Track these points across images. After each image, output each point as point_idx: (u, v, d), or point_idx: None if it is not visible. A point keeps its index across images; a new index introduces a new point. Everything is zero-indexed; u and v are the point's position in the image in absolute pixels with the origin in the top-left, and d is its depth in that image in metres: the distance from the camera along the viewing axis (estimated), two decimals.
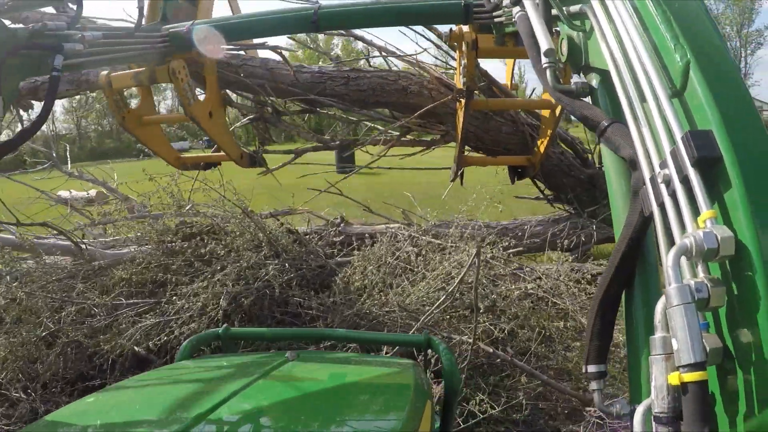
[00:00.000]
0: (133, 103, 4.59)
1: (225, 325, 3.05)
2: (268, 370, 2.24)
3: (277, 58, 6.55)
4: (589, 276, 7.27)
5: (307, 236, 7.10)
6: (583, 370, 1.69)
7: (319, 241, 7.25)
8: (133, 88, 4.22)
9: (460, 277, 5.39)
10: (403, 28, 6.94)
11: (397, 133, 7.38)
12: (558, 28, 2.22)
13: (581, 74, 2.03)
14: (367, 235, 7.32)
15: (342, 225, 7.84)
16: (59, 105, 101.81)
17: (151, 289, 6.07)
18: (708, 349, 1.12)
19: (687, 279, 1.20)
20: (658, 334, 1.21)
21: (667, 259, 1.19)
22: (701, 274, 1.21)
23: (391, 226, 7.89)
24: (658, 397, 1.16)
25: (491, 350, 5.15)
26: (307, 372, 2.41)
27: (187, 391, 2.17)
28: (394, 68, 7.10)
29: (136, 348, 5.33)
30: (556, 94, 1.87)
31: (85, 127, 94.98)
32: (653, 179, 1.36)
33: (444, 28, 4.75)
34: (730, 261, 1.17)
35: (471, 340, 5.01)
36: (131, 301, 5.87)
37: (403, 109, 6.76)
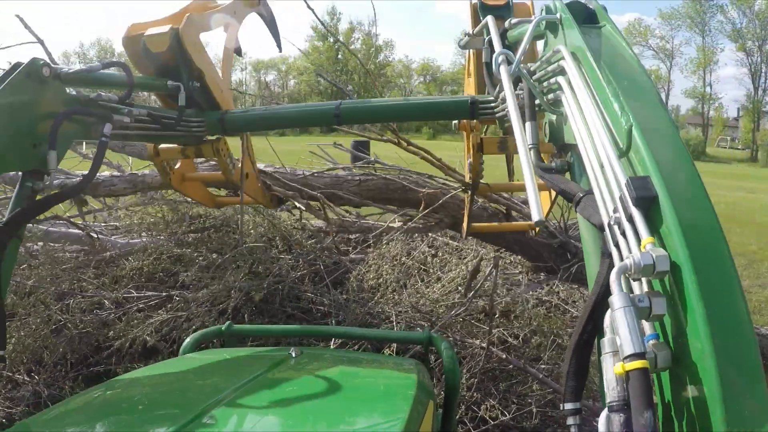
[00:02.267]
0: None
1: (228, 322, 3.09)
2: (270, 366, 2.29)
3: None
4: None
5: (322, 232, 7.08)
6: (561, 407, 1.80)
7: (334, 237, 7.23)
8: None
9: (476, 288, 5.40)
10: None
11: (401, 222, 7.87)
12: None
13: (561, 152, 2.33)
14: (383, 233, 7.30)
15: (358, 222, 7.75)
16: None
17: (161, 278, 6.08)
18: (657, 354, 1.28)
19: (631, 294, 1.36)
20: (607, 336, 1.36)
21: (611, 276, 1.37)
22: (645, 290, 1.39)
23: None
24: (608, 388, 1.28)
25: (504, 356, 5.12)
26: (309, 369, 2.45)
27: (188, 386, 2.24)
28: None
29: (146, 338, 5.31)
30: (538, 171, 2.11)
31: None
32: (609, 224, 1.55)
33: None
34: (670, 281, 1.35)
35: (484, 345, 4.99)
36: (141, 294, 5.88)
37: (405, 203, 7.33)
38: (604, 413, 1.30)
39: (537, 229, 4.82)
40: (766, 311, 8.74)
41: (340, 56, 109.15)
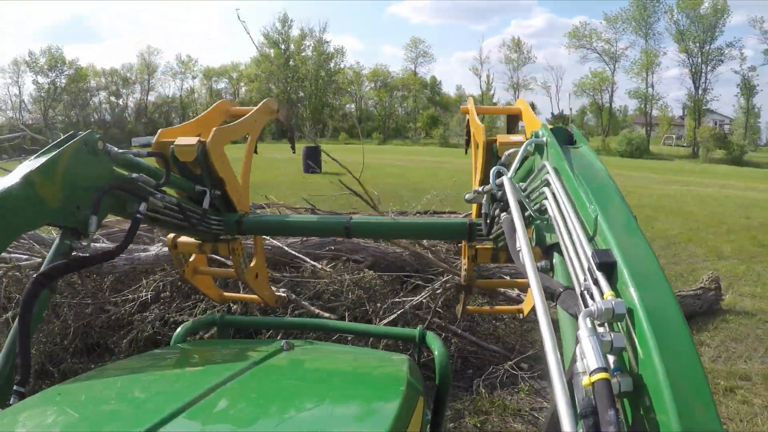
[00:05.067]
0: None
1: (221, 313, 3.16)
2: (261, 358, 2.27)
3: None
4: None
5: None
6: None
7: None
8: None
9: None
10: None
11: None
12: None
13: (546, 255, 2.53)
14: None
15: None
16: (27, 94, 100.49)
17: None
18: (620, 381, 1.42)
19: None
20: (577, 362, 1.49)
21: (579, 318, 1.56)
22: (607, 329, 1.60)
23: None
24: (578, 399, 1.41)
25: (429, 318, 6.29)
26: (300, 362, 2.47)
27: (178, 376, 2.24)
28: None
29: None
30: (524, 271, 2.29)
31: (52, 118, 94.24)
32: (581, 293, 1.79)
33: None
34: (627, 323, 1.54)
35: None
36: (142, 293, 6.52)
37: None
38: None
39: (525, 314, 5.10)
40: (674, 283, 9.99)
41: (291, 63, 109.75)
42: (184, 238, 4.35)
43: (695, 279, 9.75)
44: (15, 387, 2.25)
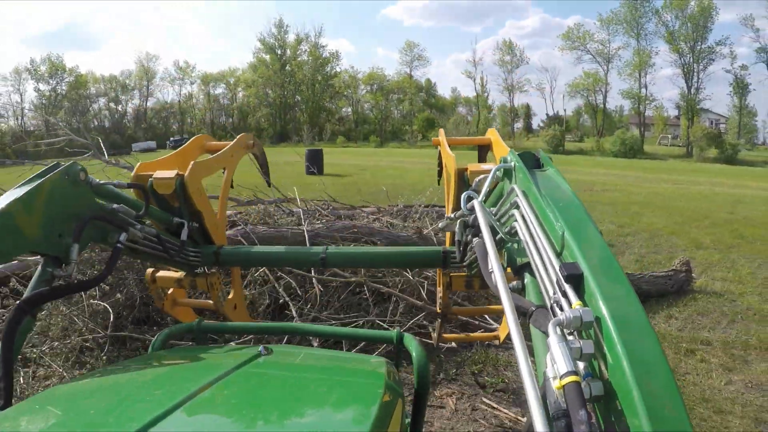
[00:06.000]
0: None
1: (198, 319, 3.12)
2: (239, 364, 2.25)
3: None
4: None
5: (303, 214, 8.88)
6: None
7: (310, 217, 9.15)
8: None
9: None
10: None
11: None
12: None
13: (517, 275, 2.52)
14: (348, 213, 9.61)
15: (330, 207, 10.00)
16: (28, 102, 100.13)
17: None
18: (591, 385, 1.44)
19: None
20: (548, 368, 1.50)
21: (548, 326, 1.57)
22: (576, 337, 1.60)
23: (366, 209, 10.29)
24: (550, 402, 1.41)
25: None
26: (278, 367, 2.45)
27: (155, 384, 2.21)
28: None
29: None
30: (497, 291, 2.18)
31: (54, 124, 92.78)
32: (551, 306, 1.82)
33: None
34: (595, 331, 1.55)
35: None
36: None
37: None
38: None
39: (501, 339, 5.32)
40: (653, 266, 11.01)
41: (288, 68, 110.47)
42: (162, 273, 4.45)
43: None
44: None
